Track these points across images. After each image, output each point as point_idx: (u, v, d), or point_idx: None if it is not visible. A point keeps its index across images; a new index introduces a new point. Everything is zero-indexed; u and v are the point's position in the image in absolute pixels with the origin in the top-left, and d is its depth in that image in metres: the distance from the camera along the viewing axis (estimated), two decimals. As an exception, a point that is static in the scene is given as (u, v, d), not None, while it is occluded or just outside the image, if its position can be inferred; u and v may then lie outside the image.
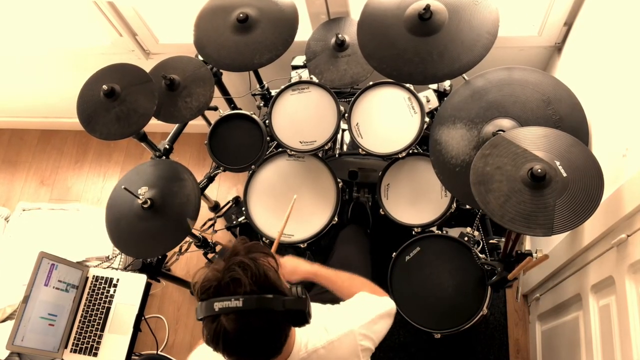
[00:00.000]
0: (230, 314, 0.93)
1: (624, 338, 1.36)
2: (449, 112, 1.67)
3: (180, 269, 2.85)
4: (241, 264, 0.96)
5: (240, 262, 0.97)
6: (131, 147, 3.28)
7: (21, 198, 3.22)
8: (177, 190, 1.85)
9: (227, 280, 0.95)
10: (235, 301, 0.93)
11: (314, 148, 1.92)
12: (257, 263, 0.97)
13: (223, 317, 0.93)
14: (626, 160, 1.39)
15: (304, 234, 1.94)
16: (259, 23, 1.86)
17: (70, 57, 2.61)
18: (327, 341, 1.19)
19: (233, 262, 0.97)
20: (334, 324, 1.23)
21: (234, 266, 0.96)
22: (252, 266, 0.96)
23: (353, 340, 1.22)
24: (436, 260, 1.81)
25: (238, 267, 0.96)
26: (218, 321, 0.94)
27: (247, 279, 0.95)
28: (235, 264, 0.97)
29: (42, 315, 1.97)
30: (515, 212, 1.27)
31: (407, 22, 1.61)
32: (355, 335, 1.22)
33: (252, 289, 0.95)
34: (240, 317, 0.93)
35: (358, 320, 1.25)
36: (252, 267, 0.96)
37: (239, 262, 0.97)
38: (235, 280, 0.95)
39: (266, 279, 0.97)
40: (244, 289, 0.94)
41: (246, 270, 0.95)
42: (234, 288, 0.95)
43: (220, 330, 0.94)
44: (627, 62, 1.46)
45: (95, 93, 1.79)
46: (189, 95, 1.90)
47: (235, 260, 0.97)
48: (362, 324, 1.25)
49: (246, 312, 0.93)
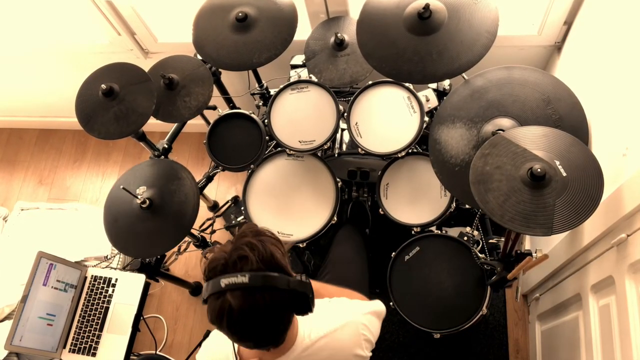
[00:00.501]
0: (236, 290, 0.94)
1: (624, 338, 1.36)
2: (449, 112, 1.66)
3: (179, 268, 2.85)
4: (249, 243, 0.99)
5: (249, 242, 0.99)
6: (130, 146, 3.28)
7: (19, 197, 3.23)
8: (176, 190, 1.84)
9: (235, 259, 0.97)
10: (242, 277, 0.94)
11: (313, 147, 1.92)
12: (265, 244, 0.99)
13: (229, 293, 0.94)
14: (626, 159, 1.39)
15: (303, 234, 1.93)
16: (258, 22, 1.86)
17: (69, 56, 2.62)
18: (329, 330, 1.20)
19: (241, 242, 0.99)
20: (335, 314, 1.24)
21: (242, 245, 0.98)
22: (260, 246, 0.98)
23: (355, 330, 1.24)
24: (435, 260, 1.80)
25: (246, 246, 0.98)
26: (224, 298, 0.95)
27: (255, 257, 0.97)
28: (243, 244, 0.99)
29: (40, 315, 1.97)
30: (514, 211, 1.26)
31: (407, 21, 1.60)
32: (357, 324, 1.24)
33: (258, 266, 0.96)
34: (246, 294, 0.95)
35: (358, 311, 1.27)
36: (259, 247, 0.98)
37: (247, 242, 0.99)
38: (242, 257, 0.97)
39: (272, 259, 0.99)
40: (250, 266, 0.96)
41: (254, 250, 0.98)
42: (241, 265, 0.96)
43: (225, 307, 0.95)
44: (627, 61, 1.46)
45: (94, 92, 1.79)
46: (187, 95, 1.90)
47: (243, 241, 0.99)
48: (362, 313, 1.27)
49: (252, 288, 0.94)
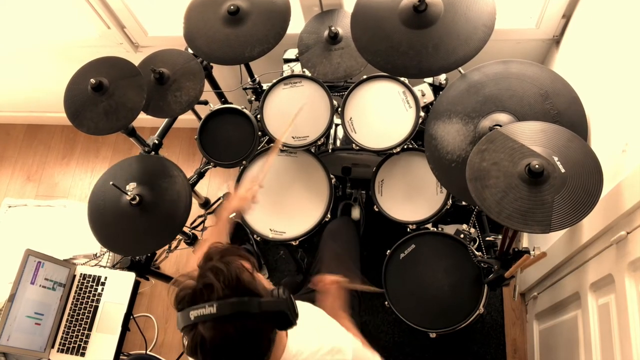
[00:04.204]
0: (207, 322, 0.91)
1: (623, 337, 1.35)
2: (445, 107, 1.65)
3: (169, 266, 2.83)
4: (213, 268, 0.95)
5: (213, 266, 0.95)
6: (119, 142, 3.26)
7: (7, 194, 3.20)
8: (168, 188, 1.83)
9: (201, 287, 0.93)
10: (210, 307, 0.90)
11: (306, 143, 1.91)
12: (230, 266, 0.95)
13: (200, 325, 0.91)
14: (626, 155, 1.38)
15: (296, 231, 1.92)
16: (250, 15, 1.84)
17: (57, 50, 2.59)
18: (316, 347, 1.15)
19: (206, 268, 0.95)
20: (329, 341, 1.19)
21: (206, 272, 0.95)
22: (225, 270, 0.94)
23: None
24: (431, 258, 1.80)
25: (210, 272, 0.94)
26: (195, 330, 0.92)
27: (220, 284, 0.92)
28: (207, 270, 0.95)
29: (28, 314, 1.96)
30: (512, 208, 1.26)
31: (402, 14, 1.58)
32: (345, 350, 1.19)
33: (225, 293, 0.92)
34: (216, 324, 0.91)
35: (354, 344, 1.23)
36: (224, 271, 0.94)
37: (211, 267, 0.95)
38: (207, 286, 0.93)
39: (239, 282, 0.94)
40: (217, 294, 0.92)
41: (218, 275, 0.93)
42: (208, 295, 0.92)
43: (197, 340, 0.92)
44: (627, 56, 1.45)
45: (83, 87, 1.77)
46: (178, 89, 1.89)
47: (207, 266, 0.96)
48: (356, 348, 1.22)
49: (222, 317, 0.91)
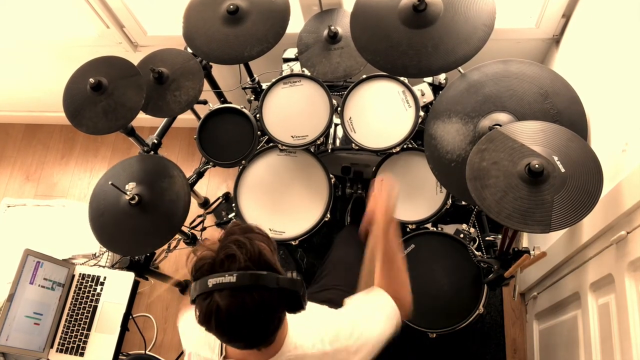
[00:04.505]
0: (224, 290, 0.92)
1: (623, 337, 1.35)
2: (444, 106, 1.65)
3: (168, 266, 2.82)
4: (237, 241, 0.96)
5: (236, 240, 0.97)
6: (119, 142, 3.25)
7: (6, 194, 3.20)
8: (167, 188, 1.82)
9: (222, 257, 0.95)
10: (229, 277, 0.92)
11: (305, 143, 1.91)
12: (253, 242, 0.97)
13: (216, 294, 0.92)
14: (626, 155, 1.38)
15: (296, 231, 1.91)
16: (249, 15, 1.84)
17: (56, 50, 2.58)
18: (318, 350, 1.14)
19: (229, 240, 0.97)
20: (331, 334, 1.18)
21: (229, 244, 0.96)
22: (248, 244, 0.96)
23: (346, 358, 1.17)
24: (431, 258, 1.79)
25: (233, 244, 0.96)
26: (211, 298, 0.92)
27: (242, 255, 0.94)
28: (230, 242, 0.96)
29: (27, 314, 1.95)
30: (512, 208, 1.26)
31: (401, 13, 1.58)
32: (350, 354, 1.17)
33: (246, 265, 0.94)
34: (233, 294, 0.92)
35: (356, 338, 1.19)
36: (247, 245, 0.96)
37: (235, 240, 0.97)
38: (230, 256, 0.95)
39: (261, 257, 0.97)
40: (238, 265, 0.94)
41: (241, 248, 0.95)
42: (229, 264, 0.94)
43: (212, 308, 0.92)
44: (627, 55, 1.45)
45: (82, 86, 1.77)
46: (177, 89, 1.88)
47: (231, 239, 0.97)
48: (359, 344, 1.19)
49: (240, 288, 0.92)
